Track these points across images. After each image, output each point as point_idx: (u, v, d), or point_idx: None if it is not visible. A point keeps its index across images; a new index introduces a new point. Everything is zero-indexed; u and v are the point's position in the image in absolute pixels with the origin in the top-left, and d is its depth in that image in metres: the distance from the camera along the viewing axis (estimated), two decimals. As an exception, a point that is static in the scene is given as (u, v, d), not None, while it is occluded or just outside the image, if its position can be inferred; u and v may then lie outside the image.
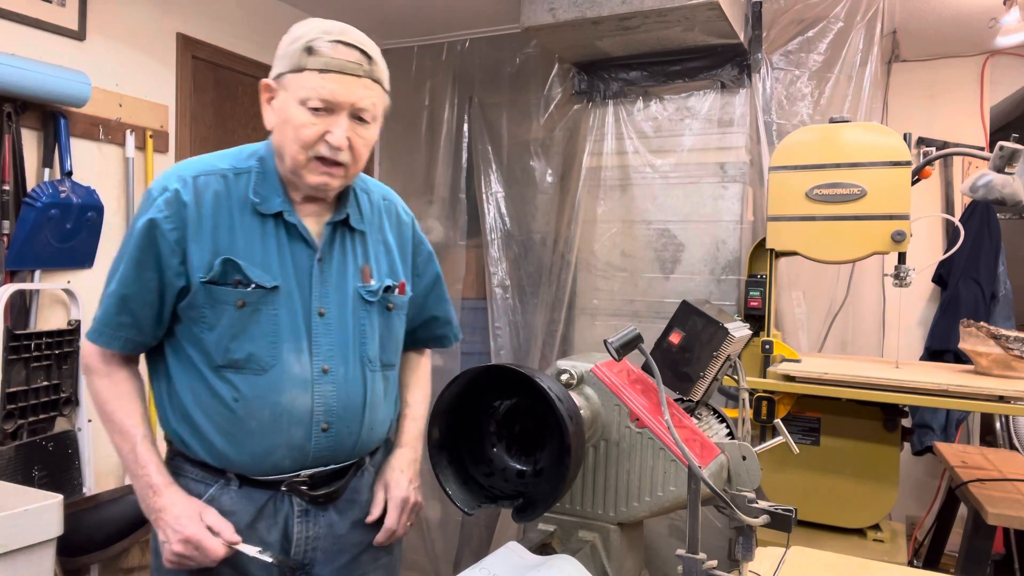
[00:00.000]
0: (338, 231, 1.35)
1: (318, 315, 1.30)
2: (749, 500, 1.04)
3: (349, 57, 1.22)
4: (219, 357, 1.25)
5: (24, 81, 2.00)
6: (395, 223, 1.48)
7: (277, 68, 1.26)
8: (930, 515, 2.90)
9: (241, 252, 1.26)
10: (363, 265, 1.37)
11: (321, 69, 1.21)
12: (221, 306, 1.24)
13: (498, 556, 1.02)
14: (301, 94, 1.21)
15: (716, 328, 1.23)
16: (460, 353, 3.26)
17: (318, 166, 1.25)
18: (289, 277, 1.29)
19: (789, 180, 2.15)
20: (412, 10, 2.97)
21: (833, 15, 2.62)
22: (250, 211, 1.28)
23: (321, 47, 1.21)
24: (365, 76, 1.24)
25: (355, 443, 1.34)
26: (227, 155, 1.34)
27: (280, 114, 1.25)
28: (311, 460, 1.29)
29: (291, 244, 1.30)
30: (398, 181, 3.45)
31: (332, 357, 1.30)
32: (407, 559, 3.35)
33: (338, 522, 1.35)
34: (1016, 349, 1.95)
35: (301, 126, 1.22)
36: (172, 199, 1.25)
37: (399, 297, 1.42)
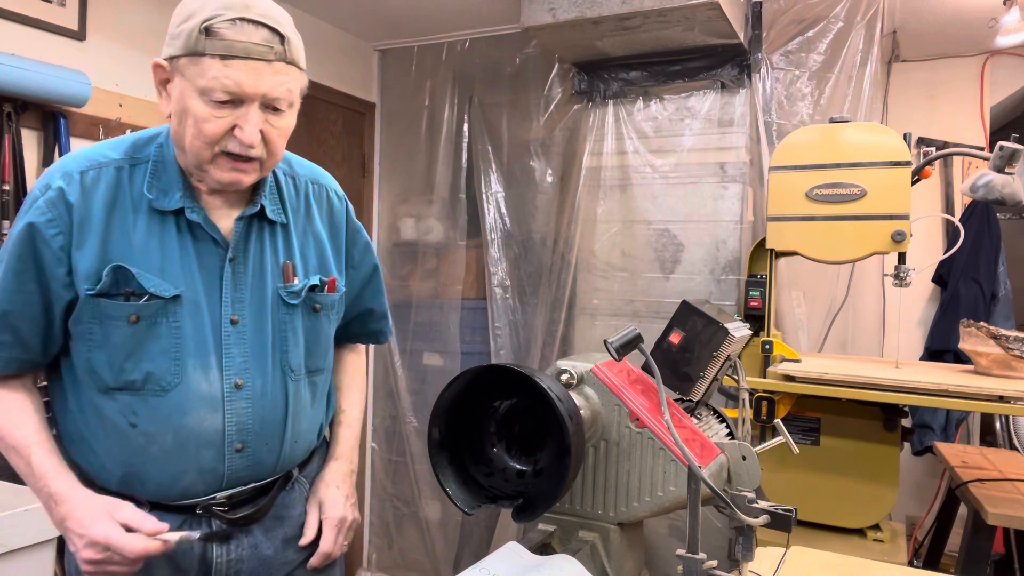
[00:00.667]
0: (253, 225, 1.19)
1: (230, 323, 1.15)
2: (749, 500, 1.04)
3: (255, 39, 1.03)
4: (111, 379, 1.10)
5: (24, 81, 2.00)
6: (326, 210, 1.31)
7: (170, 48, 1.06)
8: (930, 515, 2.90)
9: (137, 258, 1.10)
10: (284, 262, 1.22)
11: (223, 55, 1.02)
12: (111, 322, 1.09)
13: (498, 556, 1.02)
14: (201, 84, 1.03)
15: (716, 328, 1.23)
16: (460, 353, 3.26)
17: (227, 162, 1.09)
18: (194, 283, 1.13)
19: (789, 180, 2.14)
20: (412, 10, 2.97)
21: (833, 15, 2.62)
22: (146, 208, 1.12)
23: (221, 28, 1.02)
24: (277, 60, 1.06)
25: (276, 460, 1.21)
26: (123, 143, 1.16)
27: (178, 103, 1.07)
28: (226, 483, 1.16)
29: (196, 244, 1.14)
30: (398, 181, 3.45)
31: (247, 370, 1.16)
32: (407, 559, 3.35)
33: (264, 542, 1.22)
34: (1016, 349, 1.95)
35: (203, 120, 1.05)
36: (55, 199, 1.08)
37: (328, 296, 1.27)
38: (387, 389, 3.42)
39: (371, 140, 3.45)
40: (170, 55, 1.06)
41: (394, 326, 3.37)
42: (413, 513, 3.34)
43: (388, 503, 3.42)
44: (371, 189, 3.45)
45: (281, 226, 1.22)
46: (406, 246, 3.42)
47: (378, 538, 3.45)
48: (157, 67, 1.09)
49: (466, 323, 3.27)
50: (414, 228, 3.39)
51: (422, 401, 3.31)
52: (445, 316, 3.28)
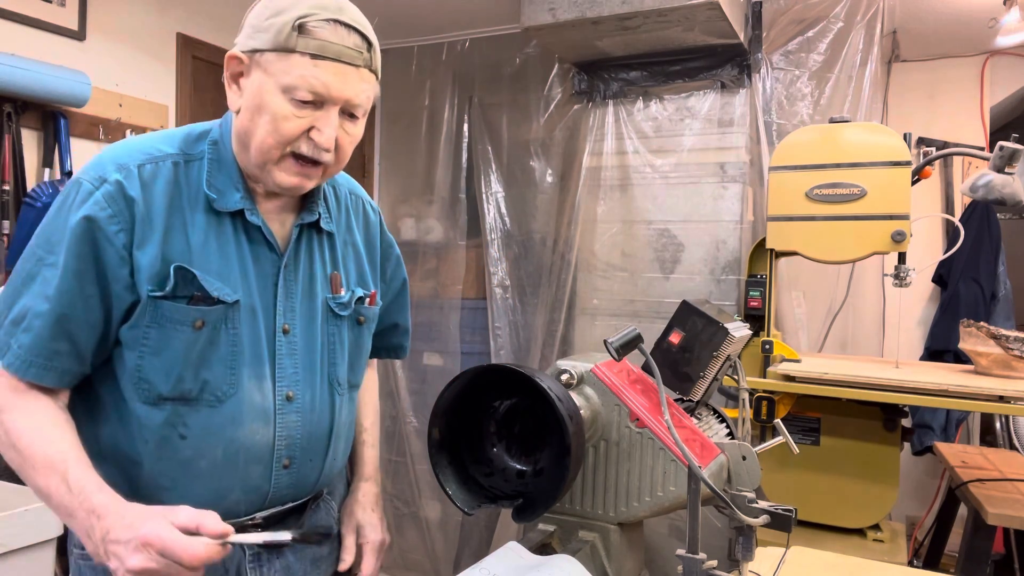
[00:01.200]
0: (304, 233, 1.16)
1: (283, 333, 1.11)
2: (749, 500, 1.04)
3: (348, 42, 1.01)
4: (166, 388, 1.03)
5: (24, 81, 2.00)
6: (363, 223, 1.29)
7: (253, 41, 1.02)
8: (930, 515, 2.90)
9: (196, 259, 1.04)
10: (332, 272, 1.19)
11: (314, 55, 0.99)
12: (174, 327, 1.02)
13: (498, 556, 1.02)
14: (286, 81, 0.99)
15: (716, 328, 1.23)
16: (460, 353, 3.26)
17: (293, 165, 1.05)
18: (251, 288, 1.08)
19: (789, 180, 2.15)
20: (412, 10, 2.97)
21: (833, 15, 2.62)
22: (203, 208, 1.06)
23: (316, 27, 0.99)
24: (364, 66, 1.04)
25: (318, 477, 1.18)
26: (174, 137, 1.11)
27: (254, 98, 1.02)
28: (268, 501, 1.12)
29: (252, 248, 1.10)
30: (398, 181, 3.45)
31: (297, 382, 1.12)
32: (407, 559, 3.35)
33: (295, 563, 1.18)
34: (1016, 349, 1.95)
35: (282, 118, 1.01)
36: (115, 193, 1.01)
37: (370, 309, 1.25)
38: (387, 389, 3.42)
39: (371, 140, 3.45)
40: (253, 48, 1.02)
41: (394, 326, 3.38)
42: (413, 513, 3.34)
43: (388, 503, 3.42)
44: (371, 189, 3.45)
45: (328, 235, 1.20)
46: (406, 246, 3.42)
47: (378, 538, 3.45)
48: (232, 59, 1.05)
49: (466, 323, 3.27)
50: (414, 228, 3.39)
51: (422, 401, 3.31)
52: (445, 316, 3.28)
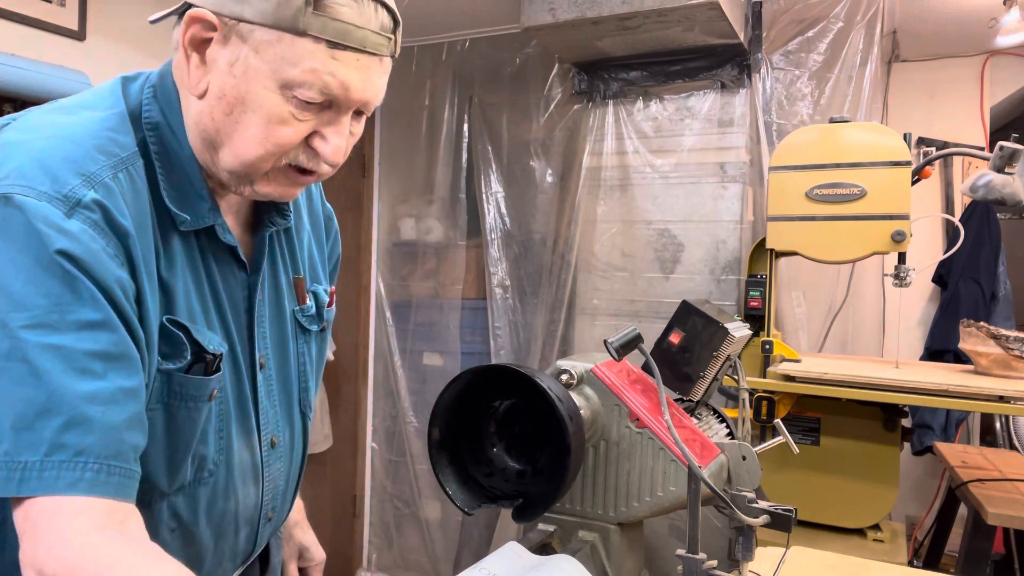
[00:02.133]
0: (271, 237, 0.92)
1: (259, 368, 0.89)
2: (749, 500, 1.04)
3: (374, 25, 0.74)
4: (167, 483, 0.79)
5: (24, 81, 2.00)
6: (305, 205, 1.02)
7: (235, 4, 0.72)
8: (930, 515, 2.90)
9: (178, 303, 0.78)
10: (296, 277, 0.96)
11: (332, 42, 0.72)
12: (187, 404, 0.78)
13: (498, 556, 1.02)
14: (290, 74, 0.72)
15: (716, 328, 1.23)
16: (460, 353, 3.26)
17: (284, 175, 0.80)
18: (228, 325, 0.85)
19: (789, 180, 2.14)
20: (412, 10, 2.97)
21: (833, 15, 2.62)
22: (170, 227, 0.79)
23: (338, 4, 0.72)
24: (388, 55, 0.78)
25: (285, 516, 1.03)
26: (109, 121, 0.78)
27: (235, 86, 0.74)
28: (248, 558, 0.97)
29: (220, 271, 0.84)
30: (398, 181, 3.45)
31: (278, 423, 0.92)
32: (407, 559, 3.35)
33: None
34: (1016, 349, 1.95)
35: (278, 122, 0.74)
36: (100, 222, 0.70)
37: (330, 311, 1.03)
38: (387, 389, 3.42)
39: (371, 140, 3.45)
40: (238, 15, 0.72)
41: (394, 326, 3.38)
42: (413, 513, 3.34)
43: (388, 503, 3.42)
44: (371, 189, 3.45)
45: (285, 230, 0.95)
46: (406, 246, 3.42)
47: (378, 538, 3.45)
48: (197, 21, 0.74)
49: (466, 323, 3.27)
50: (414, 228, 3.39)
51: (422, 401, 3.32)
52: (445, 316, 3.28)
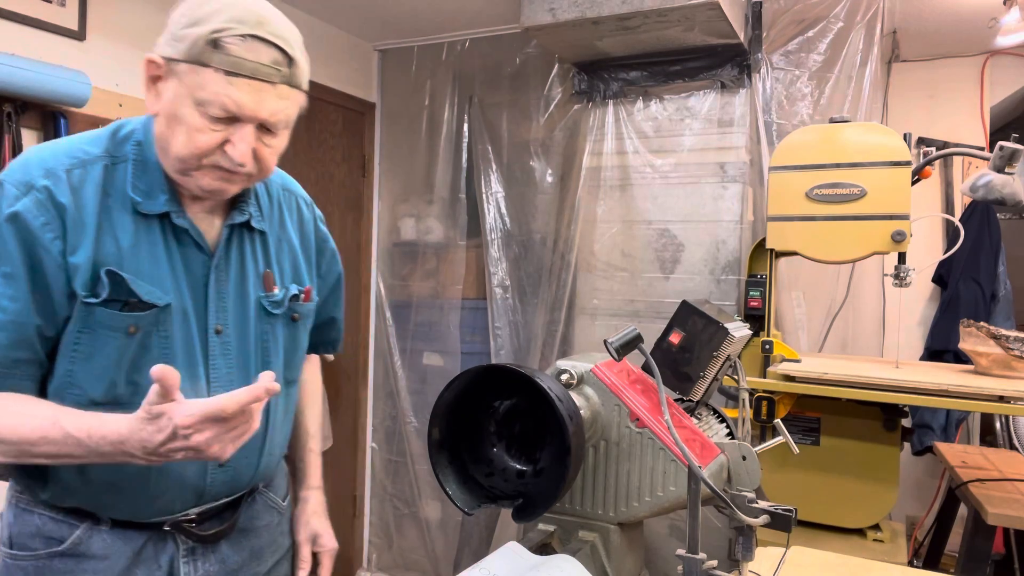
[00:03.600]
0: (235, 233, 1.16)
1: (215, 333, 1.11)
2: (749, 500, 1.04)
3: (264, 59, 0.99)
4: (99, 393, 1.02)
5: (24, 81, 2.00)
6: (296, 219, 1.29)
7: (170, 48, 0.99)
8: (930, 515, 2.90)
9: (127, 263, 1.03)
10: (265, 271, 1.19)
11: (228, 71, 0.97)
12: (106, 333, 1.01)
13: (498, 556, 1.02)
14: (200, 95, 0.98)
15: (716, 328, 1.23)
16: (460, 353, 3.26)
17: (215, 172, 1.04)
18: (182, 291, 1.08)
19: (789, 180, 2.14)
20: (412, 10, 2.97)
21: (833, 15, 2.62)
22: (131, 211, 1.05)
23: (230, 42, 0.97)
24: (281, 83, 1.01)
25: (253, 473, 1.19)
26: (99, 138, 1.09)
27: (170, 106, 1.00)
28: (205, 498, 1.13)
29: (182, 250, 1.09)
30: (398, 181, 3.45)
31: (232, 381, 1.11)
32: (407, 559, 3.35)
33: (231, 556, 1.19)
34: (1016, 349, 1.95)
35: (195, 131, 0.99)
36: (45, 201, 1.00)
37: (305, 306, 1.25)
38: (387, 389, 3.42)
39: (371, 140, 3.45)
40: (170, 56, 1.00)
41: (394, 326, 3.38)
42: (413, 513, 3.34)
43: (388, 503, 3.42)
44: (371, 189, 3.45)
45: (259, 234, 1.19)
46: (406, 246, 3.42)
47: (378, 538, 3.45)
48: (150, 63, 1.02)
49: (466, 323, 3.27)
50: (414, 228, 3.39)
51: (422, 401, 3.31)
52: (445, 316, 3.28)
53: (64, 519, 1.08)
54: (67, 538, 1.07)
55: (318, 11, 3.01)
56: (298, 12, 2.95)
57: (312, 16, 3.05)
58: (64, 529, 1.08)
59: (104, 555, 1.08)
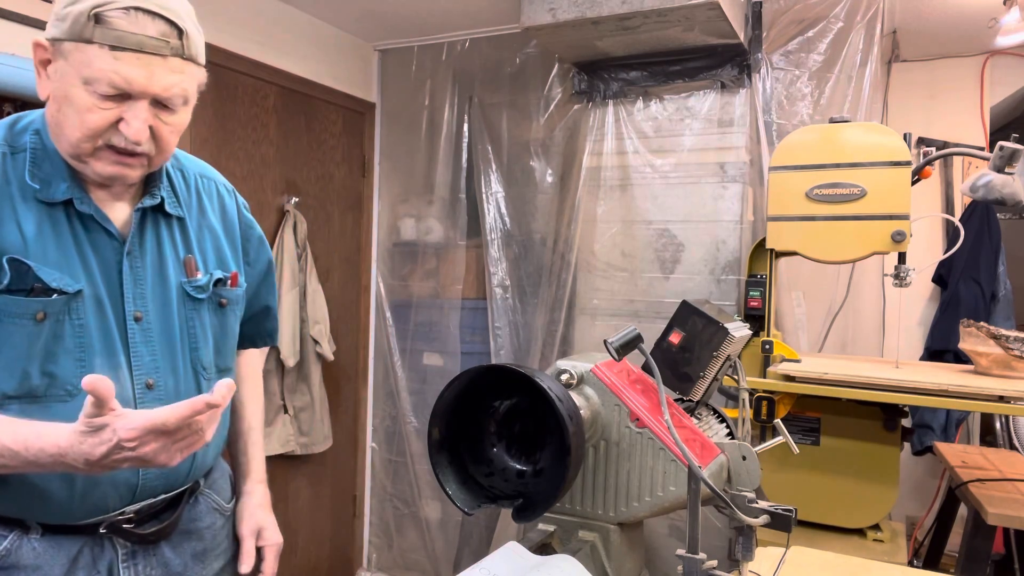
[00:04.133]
0: (149, 218, 1.13)
1: (134, 320, 1.09)
2: (749, 500, 1.04)
3: (150, 31, 0.96)
4: (10, 386, 0.99)
5: (24, 81, 2.00)
6: (218, 205, 1.26)
7: (54, 29, 0.97)
8: (930, 515, 2.90)
9: (32, 251, 1.01)
10: (187, 256, 1.17)
11: (112, 46, 0.94)
12: (13, 320, 0.98)
13: (498, 556, 1.02)
14: (86, 73, 0.95)
15: (716, 328, 1.23)
16: (460, 353, 3.26)
17: (110, 155, 1.02)
18: (94, 277, 1.06)
19: (789, 180, 2.14)
20: (412, 10, 2.97)
21: (833, 15, 2.62)
22: (32, 199, 1.03)
23: (113, 16, 0.94)
24: (173, 55, 0.99)
25: (190, 467, 1.15)
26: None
27: (58, 89, 0.99)
28: (139, 494, 1.09)
29: (90, 237, 1.06)
30: (398, 181, 3.45)
31: (157, 369, 1.10)
32: (407, 559, 3.35)
33: (173, 559, 1.16)
34: (1016, 349, 1.95)
35: (85, 111, 0.97)
36: None
37: (232, 291, 1.23)
38: (387, 389, 3.42)
39: (371, 140, 3.45)
40: (54, 36, 0.97)
41: (394, 326, 3.38)
42: (413, 513, 3.34)
43: (388, 503, 3.42)
44: (371, 189, 3.45)
45: (178, 220, 1.17)
46: (406, 246, 3.42)
47: (378, 538, 3.45)
48: (38, 46, 1.00)
49: (466, 323, 3.27)
50: (414, 228, 3.39)
51: (422, 401, 3.31)
52: (445, 316, 3.28)
53: None
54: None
55: (318, 11, 3.01)
56: (298, 12, 2.95)
57: (312, 16, 3.05)
58: None
59: (36, 565, 1.02)
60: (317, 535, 3.19)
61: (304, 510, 3.10)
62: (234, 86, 2.76)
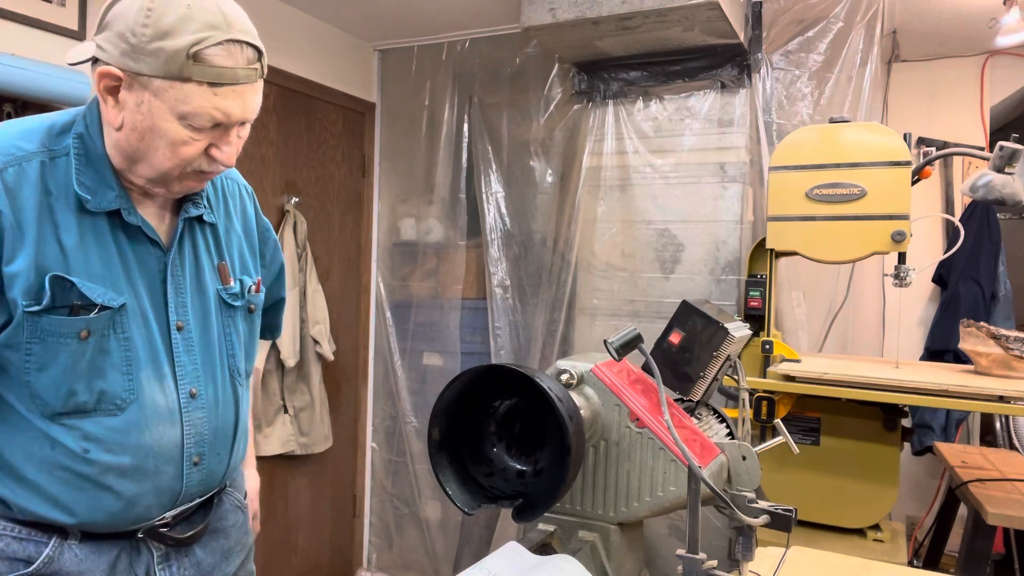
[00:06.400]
0: (186, 225, 1.13)
1: (176, 330, 1.09)
2: (749, 500, 1.04)
3: (242, 62, 0.98)
4: (58, 403, 0.99)
5: (24, 81, 2.00)
6: (240, 208, 1.26)
7: (135, 63, 0.94)
8: (930, 515, 2.90)
9: (74, 265, 0.99)
10: (220, 263, 1.18)
11: (213, 83, 0.95)
12: (57, 340, 0.97)
13: (498, 556, 1.02)
14: (184, 109, 0.96)
15: (716, 328, 1.23)
16: (460, 353, 3.26)
17: (195, 176, 1.04)
18: (137, 289, 1.05)
19: (789, 180, 2.14)
20: (412, 10, 2.97)
21: (833, 15, 2.62)
22: (75, 208, 1.00)
23: (211, 54, 0.94)
24: (260, 78, 1.02)
25: (225, 470, 1.18)
26: (34, 131, 1.02)
27: (144, 120, 0.97)
28: (180, 500, 1.11)
29: (134, 247, 1.06)
30: (398, 181, 3.45)
31: (199, 378, 1.11)
32: (407, 559, 3.35)
33: (205, 558, 1.18)
34: (1016, 349, 1.95)
35: (180, 144, 0.98)
36: None
37: (258, 296, 1.25)
38: (387, 389, 3.42)
39: (371, 140, 3.45)
40: (137, 71, 0.94)
41: (394, 326, 3.38)
42: (413, 513, 3.34)
43: (388, 503, 3.42)
44: (371, 189, 3.45)
45: (210, 226, 1.18)
46: (406, 246, 3.42)
47: (378, 538, 3.45)
48: (107, 75, 0.96)
49: (466, 323, 3.27)
50: (414, 228, 3.39)
51: (422, 401, 3.31)
52: (445, 316, 3.28)
53: (28, 536, 1.02)
54: (35, 558, 1.01)
55: (318, 11, 3.01)
56: (298, 12, 2.95)
57: (312, 16, 3.05)
58: (30, 548, 1.01)
59: (78, 571, 1.02)
60: (317, 535, 3.19)
61: (304, 510, 3.10)
62: (234, 86, 2.75)
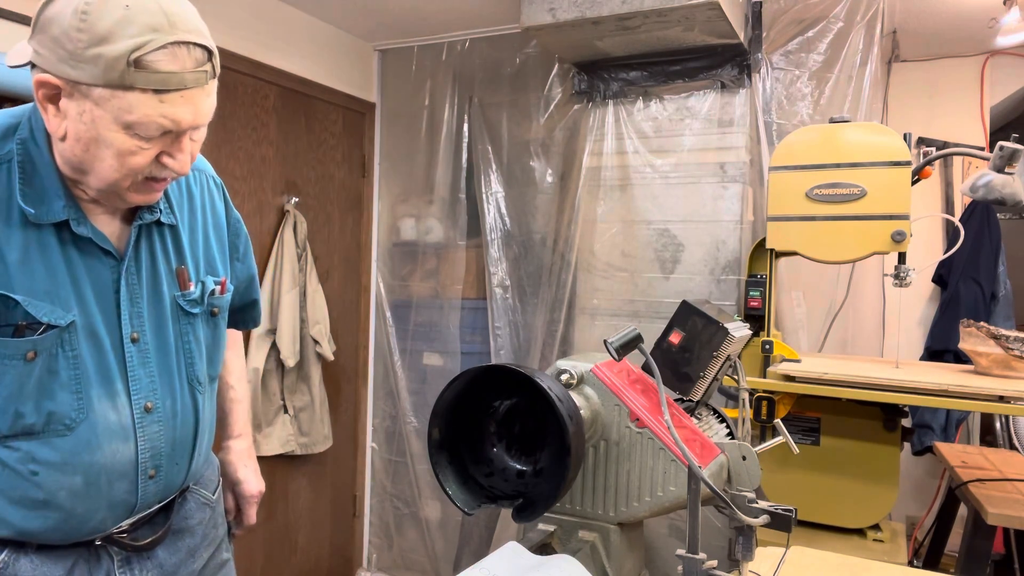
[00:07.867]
0: (143, 231, 1.06)
1: (131, 342, 1.03)
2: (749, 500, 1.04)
3: (190, 64, 0.90)
4: (4, 426, 0.95)
5: (24, 81, 1.99)
6: (208, 200, 1.19)
7: (72, 71, 0.88)
8: (930, 515, 2.90)
9: (18, 281, 0.93)
10: (178, 267, 1.11)
11: (158, 89, 0.88)
12: (2, 362, 0.93)
13: (498, 556, 1.02)
14: (129, 119, 0.89)
15: (716, 328, 1.23)
16: (460, 353, 3.26)
17: (148, 184, 0.98)
18: (87, 303, 0.99)
19: (789, 180, 2.14)
20: (412, 10, 2.97)
21: (833, 15, 2.62)
22: (19, 222, 0.94)
23: (155, 58, 0.87)
24: (209, 80, 0.95)
25: (185, 477, 1.14)
26: None
27: (87, 130, 0.90)
28: (136, 510, 1.08)
29: (84, 259, 0.99)
30: (398, 181, 3.45)
31: (155, 391, 1.05)
32: (407, 559, 3.35)
33: (168, 559, 1.15)
34: (1016, 349, 1.95)
35: (127, 154, 0.91)
36: None
37: (222, 299, 1.18)
38: (387, 389, 3.42)
39: (371, 140, 3.45)
40: (76, 80, 0.88)
41: (394, 326, 3.38)
42: (413, 513, 3.34)
43: (388, 503, 3.42)
44: (371, 189, 3.45)
45: (170, 227, 1.11)
46: (406, 246, 3.42)
47: (378, 538, 3.45)
48: (45, 84, 0.91)
49: (466, 323, 3.27)
50: (414, 228, 3.39)
51: (422, 401, 3.32)
52: (445, 316, 3.29)
53: None
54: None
55: (318, 11, 3.01)
56: (298, 12, 2.95)
57: (312, 16, 3.05)
58: None
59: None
60: (317, 535, 3.19)
61: (304, 510, 3.10)
62: (234, 86, 2.76)
